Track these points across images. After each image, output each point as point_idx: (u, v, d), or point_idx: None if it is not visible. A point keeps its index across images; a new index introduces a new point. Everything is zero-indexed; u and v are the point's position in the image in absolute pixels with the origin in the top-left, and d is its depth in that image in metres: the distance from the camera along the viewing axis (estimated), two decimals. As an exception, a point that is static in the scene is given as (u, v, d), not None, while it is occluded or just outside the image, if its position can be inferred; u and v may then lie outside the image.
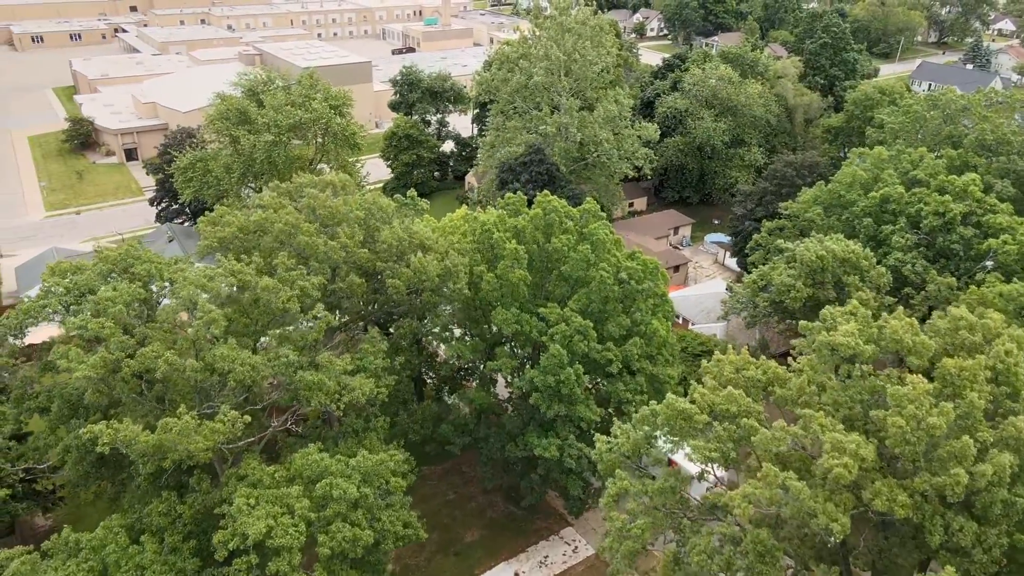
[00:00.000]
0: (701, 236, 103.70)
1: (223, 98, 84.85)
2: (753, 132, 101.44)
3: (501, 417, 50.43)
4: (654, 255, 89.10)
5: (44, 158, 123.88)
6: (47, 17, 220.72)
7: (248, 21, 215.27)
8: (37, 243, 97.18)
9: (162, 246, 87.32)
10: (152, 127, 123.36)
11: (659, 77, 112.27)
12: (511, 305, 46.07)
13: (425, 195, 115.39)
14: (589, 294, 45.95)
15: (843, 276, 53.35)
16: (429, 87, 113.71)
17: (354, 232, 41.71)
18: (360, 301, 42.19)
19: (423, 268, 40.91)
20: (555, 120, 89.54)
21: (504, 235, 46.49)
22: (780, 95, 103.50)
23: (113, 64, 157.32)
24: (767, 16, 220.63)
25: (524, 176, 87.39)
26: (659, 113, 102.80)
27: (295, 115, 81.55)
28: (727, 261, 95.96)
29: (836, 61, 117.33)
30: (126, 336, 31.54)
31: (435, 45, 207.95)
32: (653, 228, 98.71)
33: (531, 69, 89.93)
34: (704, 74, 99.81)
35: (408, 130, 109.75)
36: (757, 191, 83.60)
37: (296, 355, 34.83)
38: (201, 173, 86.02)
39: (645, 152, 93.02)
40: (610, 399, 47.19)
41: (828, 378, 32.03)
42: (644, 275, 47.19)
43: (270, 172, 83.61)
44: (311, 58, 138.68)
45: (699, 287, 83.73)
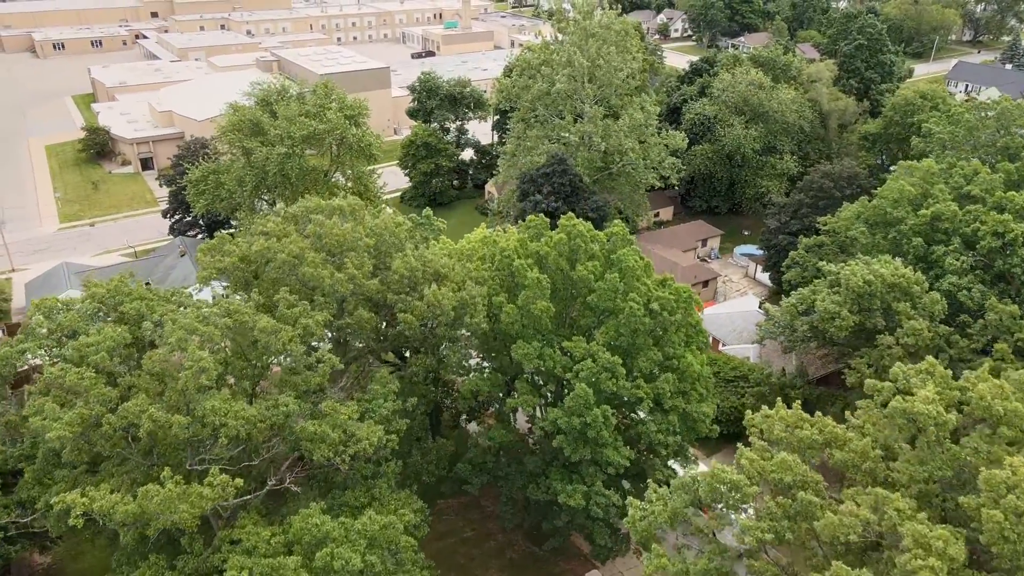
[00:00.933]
0: (730, 248, 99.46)
1: (235, 109, 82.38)
2: (785, 139, 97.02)
3: (522, 456, 46.97)
4: (681, 269, 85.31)
5: (60, 168, 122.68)
6: (69, 24, 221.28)
7: (267, 26, 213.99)
8: (50, 256, 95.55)
9: (174, 260, 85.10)
10: (168, 136, 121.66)
11: (686, 82, 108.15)
12: (533, 338, 42.62)
13: (443, 205, 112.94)
14: (618, 327, 42.36)
15: (893, 303, 49.20)
16: (448, 94, 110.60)
17: (363, 262, 38.51)
18: (369, 337, 38.97)
19: (437, 302, 37.59)
20: (578, 129, 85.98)
21: (525, 262, 43.02)
22: (814, 100, 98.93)
23: (131, 71, 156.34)
24: (795, 16, 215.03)
25: (546, 187, 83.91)
26: (686, 120, 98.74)
27: (309, 126, 78.78)
28: (758, 275, 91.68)
29: (872, 63, 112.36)
30: (108, 387, 28.56)
31: (455, 48, 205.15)
32: (680, 240, 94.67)
33: (553, 76, 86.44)
34: (734, 79, 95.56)
35: (426, 138, 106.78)
36: (792, 203, 79.34)
37: (297, 403, 31.66)
38: (213, 186, 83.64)
39: (672, 161, 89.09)
40: (640, 439, 43.55)
41: (897, 444, 28.15)
42: (677, 305, 43.45)
43: (283, 185, 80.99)
44: (328, 64, 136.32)
45: (730, 304, 79.62)
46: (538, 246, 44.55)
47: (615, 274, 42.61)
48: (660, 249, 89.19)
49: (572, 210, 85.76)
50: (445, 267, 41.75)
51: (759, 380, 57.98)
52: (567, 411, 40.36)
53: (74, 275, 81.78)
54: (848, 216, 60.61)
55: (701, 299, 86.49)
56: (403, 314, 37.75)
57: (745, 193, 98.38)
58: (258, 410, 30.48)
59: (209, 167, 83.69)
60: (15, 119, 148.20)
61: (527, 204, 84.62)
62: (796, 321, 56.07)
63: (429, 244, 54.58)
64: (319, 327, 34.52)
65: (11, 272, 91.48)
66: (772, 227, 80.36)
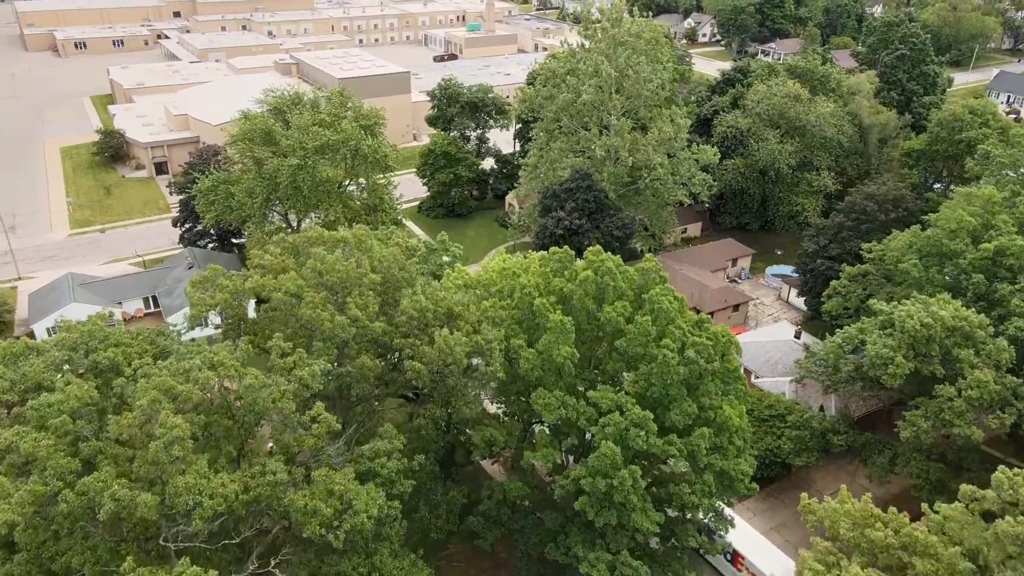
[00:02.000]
0: (762, 268, 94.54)
1: (247, 116, 79.21)
2: (823, 155, 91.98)
3: (541, 509, 42.89)
4: (711, 292, 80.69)
5: (74, 171, 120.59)
6: (92, 23, 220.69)
7: (289, 27, 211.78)
8: (58, 264, 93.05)
9: (181, 272, 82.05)
10: (183, 140, 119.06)
11: (718, 92, 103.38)
12: (555, 386, 38.53)
13: (462, 216, 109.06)
14: (649, 375, 38.15)
15: (953, 348, 44.47)
16: (469, 101, 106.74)
17: (368, 302, 34.62)
18: (373, 385, 35.13)
19: (449, 348, 33.64)
20: (604, 142, 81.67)
21: (548, 301, 38.91)
22: (853, 113, 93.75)
23: (150, 73, 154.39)
24: (828, 22, 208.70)
25: (569, 204, 79.76)
26: (717, 132, 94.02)
27: (322, 136, 75.37)
28: (792, 298, 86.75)
29: (914, 75, 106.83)
30: (69, 458, 24.97)
31: (478, 52, 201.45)
32: (709, 259, 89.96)
33: (579, 86, 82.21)
34: (770, 91, 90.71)
35: (445, 147, 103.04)
36: (831, 226, 74.45)
37: (287, 470, 27.86)
38: (223, 196, 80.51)
39: (703, 177, 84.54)
40: (672, 500, 39.29)
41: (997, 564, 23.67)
42: (715, 351, 39.12)
43: (295, 197, 77.67)
44: (348, 68, 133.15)
45: (763, 332, 74.88)
46: (562, 282, 40.46)
47: (647, 317, 38.38)
48: (688, 269, 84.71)
49: (596, 227, 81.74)
50: (459, 304, 37.73)
51: (799, 423, 53.36)
52: (591, 470, 36.26)
53: (79, 286, 79.08)
54: (899, 246, 55.79)
55: (731, 324, 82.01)
56: (411, 361, 33.80)
57: (778, 211, 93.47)
58: (241, 480, 26.71)
59: (220, 177, 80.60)
60: (33, 120, 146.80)
61: (549, 220, 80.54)
62: (840, 361, 51.48)
63: (444, 271, 50.76)
64: (315, 379, 30.70)
65: (17, 280, 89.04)
66: (809, 250, 75.51)
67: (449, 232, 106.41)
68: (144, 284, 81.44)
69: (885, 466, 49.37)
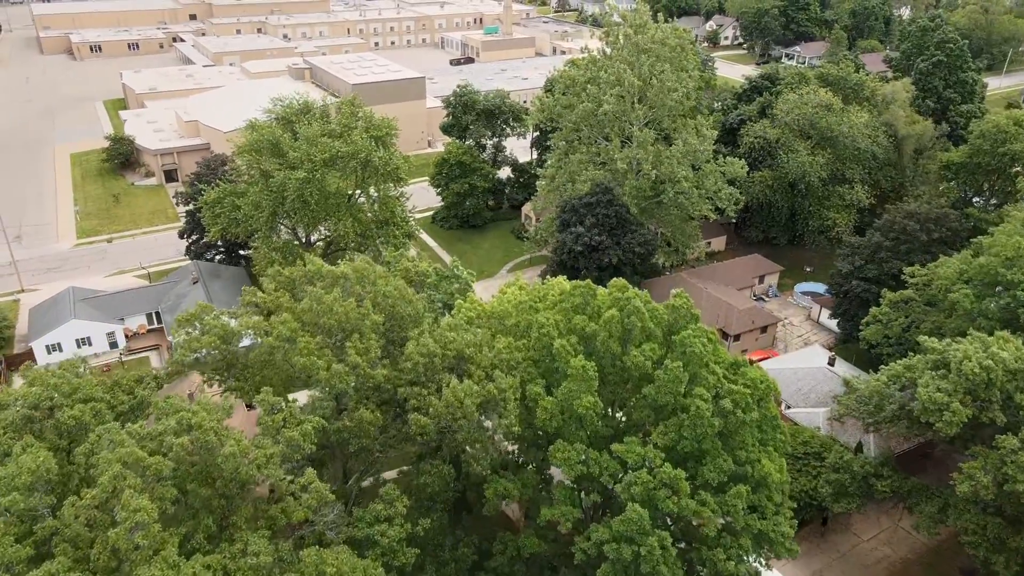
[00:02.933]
0: (790, 285, 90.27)
1: (254, 127, 76.22)
2: (856, 167, 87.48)
3: (558, 566, 39.20)
4: (737, 313, 76.53)
5: (83, 178, 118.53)
6: (108, 26, 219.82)
7: (304, 30, 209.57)
8: (63, 275, 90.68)
9: (186, 288, 79.25)
10: (193, 147, 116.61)
11: (744, 100, 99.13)
12: (575, 436, 34.85)
13: (477, 227, 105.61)
14: (680, 427, 34.37)
15: (1015, 394, 40.27)
16: (485, 108, 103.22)
17: (369, 346, 31.15)
18: (374, 440, 31.62)
19: (458, 401, 30.06)
20: (626, 154, 77.82)
21: (568, 343, 35.21)
22: (888, 123, 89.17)
23: (162, 77, 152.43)
24: (855, 25, 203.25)
25: (589, 219, 76.05)
26: (744, 143, 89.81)
27: (331, 148, 72.16)
28: (823, 318, 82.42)
29: (951, 82, 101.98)
30: (17, 547, 21.73)
31: (495, 55, 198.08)
32: (735, 276, 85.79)
33: (600, 96, 78.44)
34: (800, 99, 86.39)
35: (460, 157, 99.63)
36: (868, 245, 70.15)
37: (272, 549, 24.42)
38: (229, 209, 77.59)
39: (730, 192, 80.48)
40: (704, 567, 35.47)
41: None
42: (753, 400, 35.25)
43: (302, 211, 74.52)
44: (362, 73, 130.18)
45: (794, 357, 70.68)
46: (583, 321, 36.75)
47: (677, 362, 34.59)
48: (712, 287, 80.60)
49: (617, 244, 77.92)
50: (471, 346, 34.14)
51: (838, 464, 49.26)
52: (616, 535, 32.55)
53: (80, 302, 76.49)
54: (948, 274, 51.52)
55: (757, 346, 77.83)
56: (416, 415, 30.28)
57: (807, 225, 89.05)
58: (219, 563, 23.28)
59: (226, 188, 77.72)
60: (45, 125, 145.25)
61: (568, 236, 76.89)
62: (885, 400, 47.34)
63: (455, 302, 47.23)
64: (308, 439, 27.26)
65: (20, 293, 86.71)
66: (844, 271, 71.24)
67: (464, 244, 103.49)
68: (147, 299, 78.71)
69: (935, 516, 45.22)
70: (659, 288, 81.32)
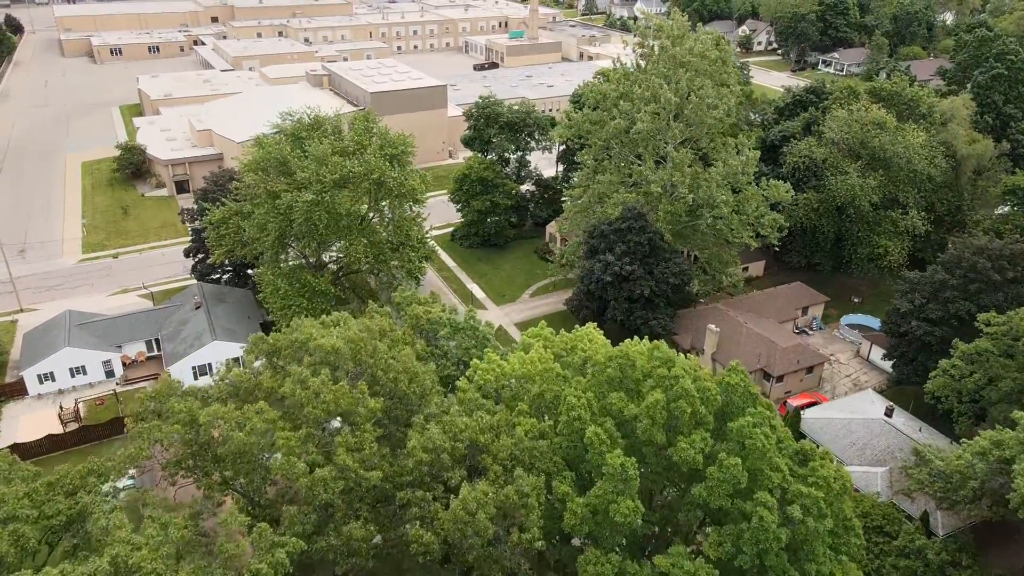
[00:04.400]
0: (835, 316, 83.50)
1: (260, 143, 71.32)
2: (910, 190, 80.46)
3: None
4: (780, 351, 69.96)
5: (93, 188, 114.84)
6: (130, 28, 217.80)
7: (326, 34, 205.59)
8: (64, 294, 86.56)
9: (187, 313, 74.49)
10: (205, 157, 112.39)
11: (786, 115, 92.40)
12: (610, 544, 28.99)
13: (498, 246, 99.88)
14: (738, 539, 28.33)
15: None
16: (509, 121, 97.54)
17: (363, 439, 25.55)
18: (367, 557, 25.99)
19: (469, 515, 24.35)
20: (660, 176, 71.66)
21: (603, 431, 29.38)
22: (947, 143, 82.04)
23: (179, 82, 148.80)
24: (896, 30, 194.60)
25: (619, 246, 70.08)
26: (788, 163, 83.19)
27: (342, 167, 66.99)
28: (873, 355, 75.57)
29: (1011, 96, 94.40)
30: None
31: (520, 60, 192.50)
32: (776, 307, 79.22)
33: (633, 112, 72.43)
34: (850, 116, 79.59)
35: (482, 172, 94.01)
36: (930, 281, 63.35)
37: None
38: (234, 230, 72.81)
39: (773, 218, 74.02)
40: None
41: None
42: (826, 506, 29.13)
43: (310, 235, 69.46)
44: (381, 81, 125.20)
45: (845, 405, 64.01)
46: (620, 401, 30.88)
47: (735, 458, 28.60)
48: (752, 321, 74.20)
49: (649, 273, 71.84)
50: (487, 431, 28.45)
51: (907, 549, 42.80)
52: (659, 674, 26.66)
53: (76, 327, 72.04)
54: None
55: (800, 389, 71.29)
56: (418, 530, 24.64)
57: (855, 252, 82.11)
58: None
59: (232, 207, 72.94)
60: (58, 131, 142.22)
61: (596, 265, 70.99)
62: (967, 478, 40.91)
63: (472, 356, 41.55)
64: (281, 570, 21.71)
65: (18, 313, 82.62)
66: (902, 309, 64.48)
67: (484, 264, 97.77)
68: (147, 325, 74.07)
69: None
70: (693, 320, 75.15)
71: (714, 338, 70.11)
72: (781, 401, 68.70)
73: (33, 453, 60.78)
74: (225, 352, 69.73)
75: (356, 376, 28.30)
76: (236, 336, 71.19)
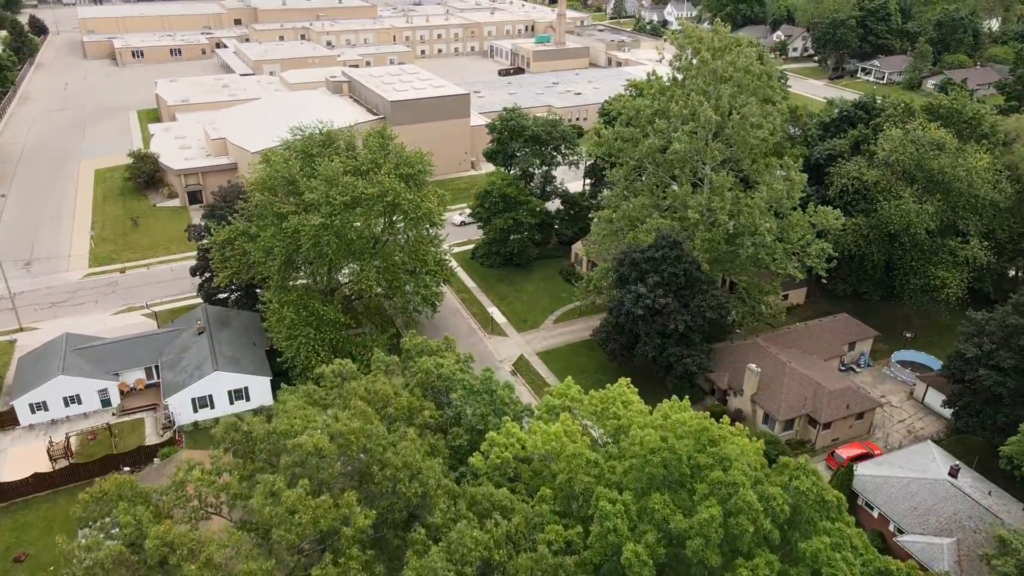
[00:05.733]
0: (885, 351, 77.02)
1: (268, 160, 66.80)
2: (972, 217, 73.76)
3: None
4: (828, 394, 63.72)
5: (104, 197, 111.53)
6: (152, 30, 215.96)
7: (349, 37, 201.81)
8: (67, 312, 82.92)
9: (190, 339, 70.09)
10: (219, 167, 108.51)
11: (832, 132, 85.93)
12: None
13: (521, 266, 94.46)
14: None
15: None
16: (534, 135, 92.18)
17: (348, 569, 20.32)
18: None
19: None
20: (698, 201, 65.86)
21: (643, 553, 23.91)
22: (1012, 165, 75.23)
23: (197, 88, 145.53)
24: (940, 37, 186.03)
25: (652, 277, 64.47)
26: (835, 185, 76.90)
27: (354, 188, 62.23)
28: (929, 398, 69.09)
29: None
30: None
31: (546, 66, 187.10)
32: (821, 342, 72.98)
33: (670, 131, 66.79)
34: (907, 137, 73.13)
35: (505, 189, 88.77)
36: (1002, 325, 56.91)
37: None
38: (240, 252, 68.38)
39: (821, 247, 67.86)
40: None
41: None
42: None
43: (319, 259, 64.79)
44: (402, 89, 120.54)
45: (902, 460, 57.64)
46: (665, 507, 25.38)
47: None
48: (796, 359, 68.04)
49: (685, 307, 66.16)
50: (501, 544, 23.08)
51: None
52: None
53: (73, 352, 67.94)
54: None
55: (849, 437, 65.00)
56: None
57: (908, 282, 75.53)
58: None
59: (237, 227, 68.53)
60: (74, 137, 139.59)
61: (627, 296, 65.41)
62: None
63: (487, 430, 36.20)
64: None
65: (18, 332, 78.98)
66: (968, 355, 58.07)
67: (505, 285, 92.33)
68: (147, 350, 69.83)
69: None
70: (731, 357, 69.18)
71: (754, 379, 64.18)
72: (829, 451, 62.63)
73: (17, 493, 56.63)
74: (227, 383, 65.29)
75: (345, 478, 23.25)
76: (239, 366, 66.68)
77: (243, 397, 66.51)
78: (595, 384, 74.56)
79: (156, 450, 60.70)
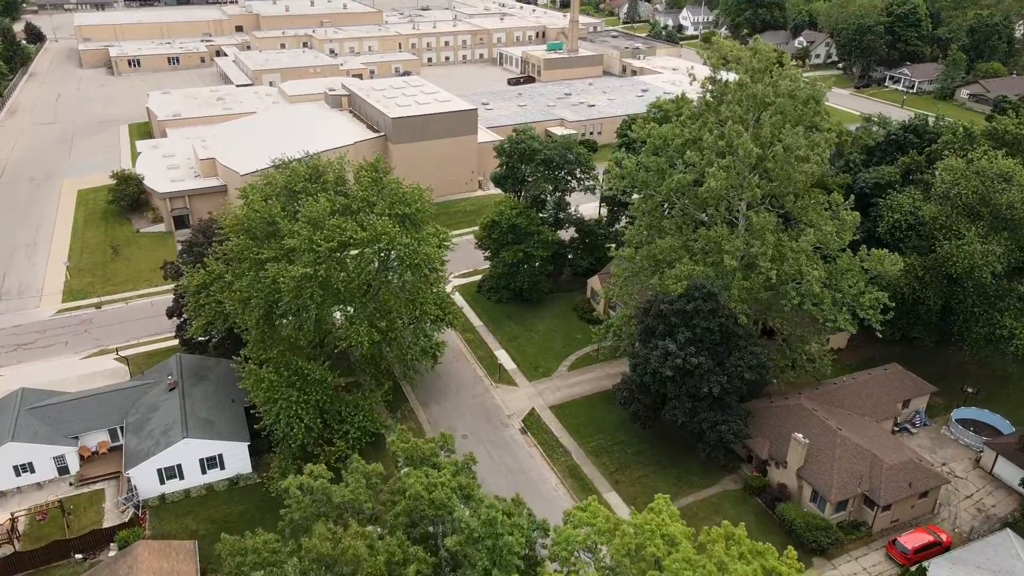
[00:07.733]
0: (942, 406, 68.42)
1: (247, 197, 58.96)
2: (1044, 258, 65.07)
3: None
4: (886, 470, 55.07)
5: (85, 221, 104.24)
6: (152, 37, 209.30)
7: (352, 45, 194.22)
8: (33, 355, 75.53)
9: (159, 396, 62.07)
10: (208, 189, 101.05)
11: (877, 157, 77.33)
12: None
13: (531, 301, 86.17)
14: None
15: None
16: (546, 158, 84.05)
17: None
18: None
19: None
20: (736, 247, 57.41)
21: None
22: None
23: (189, 101, 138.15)
24: (973, 44, 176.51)
25: (683, 332, 56.15)
26: (885, 220, 68.40)
27: (341, 232, 54.32)
28: (999, 467, 60.43)
29: None
30: None
31: (558, 74, 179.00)
32: (872, 401, 64.42)
33: (703, 164, 58.46)
34: (970, 168, 64.55)
35: (514, 219, 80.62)
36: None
37: None
38: (214, 302, 60.56)
39: (875, 296, 59.24)
40: None
41: None
42: None
43: (301, 311, 56.82)
44: (405, 104, 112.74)
45: (980, 554, 49.05)
46: None
47: None
48: (847, 424, 59.48)
49: (719, 365, 57.81)
50: None
51: None
52: None
53: (27, 412, 60.25)
54: None
55: (913, 520, 56.40)
56: None
57: (971, 331, 66.81)
58: None
59: (213, 271, 60.65)
60: (60, 153, 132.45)
61: (653, 353, 57.11)
62: None
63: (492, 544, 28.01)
64: None
65: (-23, 380, 71.47)
66: (1057, 432, 49.47)
67: (515, 324, 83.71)
68: (112, 409, 62.03)
69: None
70: (771, 420, 60.65)
71: (802, 451, 55.71)
72: (889, 538, 54.08)
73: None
74: (198, 451, 57.47)
75: None
76: (213, 430, 58.81)
77: (217, 465, 58.69)
78: (616, 447, 66.44)
79: (114, 533, 52.89)
